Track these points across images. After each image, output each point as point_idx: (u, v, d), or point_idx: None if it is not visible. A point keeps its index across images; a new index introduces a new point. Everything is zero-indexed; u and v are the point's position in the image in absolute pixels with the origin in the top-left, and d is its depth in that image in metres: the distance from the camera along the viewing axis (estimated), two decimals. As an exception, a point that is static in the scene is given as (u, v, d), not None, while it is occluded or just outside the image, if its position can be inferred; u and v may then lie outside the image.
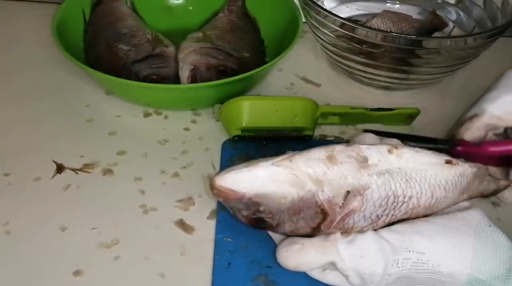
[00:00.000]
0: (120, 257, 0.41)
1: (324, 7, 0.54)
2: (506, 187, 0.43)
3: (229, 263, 0.40)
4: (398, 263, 0.35)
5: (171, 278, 0.39)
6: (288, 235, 0.39)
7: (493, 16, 0.56)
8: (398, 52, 0.51)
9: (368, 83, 0.57)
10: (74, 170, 0.47)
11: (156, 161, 0.48)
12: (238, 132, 0.48)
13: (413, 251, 0.35)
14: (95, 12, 0.60)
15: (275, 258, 0.38)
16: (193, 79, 0.52)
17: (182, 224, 0.43)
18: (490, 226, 0.37)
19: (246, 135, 0.48)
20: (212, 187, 0.37)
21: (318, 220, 0.37)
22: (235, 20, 0.61)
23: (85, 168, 0.47)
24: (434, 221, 0.37)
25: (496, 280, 0.35)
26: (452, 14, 0.62)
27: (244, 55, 0.56)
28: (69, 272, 0.39)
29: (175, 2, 0.65)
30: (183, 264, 0.40)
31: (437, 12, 0.61)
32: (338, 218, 0.37)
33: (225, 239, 0.42)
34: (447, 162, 0.38)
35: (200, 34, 0.58)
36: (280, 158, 0.37)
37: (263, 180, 0.36)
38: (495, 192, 0.42)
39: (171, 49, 0.56)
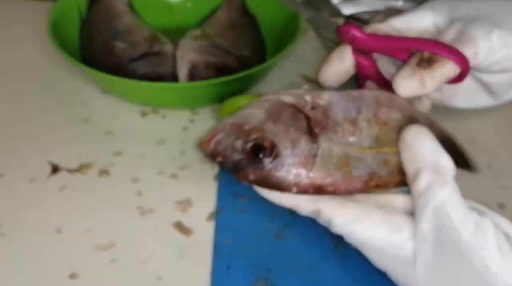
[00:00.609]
0: (117, 260, 0.40)
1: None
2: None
3: (228, 266, 0.39)
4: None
5: (169, 282, 0.39)
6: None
7: None
8: (401, 50, 0.50)
9: (370, 82, 0.57)
10: (70, 171, 0.47)
11: (154, 161, 0.48)
12: (238, 132, 0.48)
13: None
14: (91, 10, 0.60)
15: (275, 261, 0.37)
16: (192, 77, 0.52)
17: (180, 226, 0.43)
18: None
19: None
20: (201, 145, 0.38)
21: (304, 123, 0.38)
22: (235, 18, 0.60)
23: (81, 168, 0.47)
24: None
25: None
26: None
27: (244, 53, 0.56)
28: (64, 275, 0.39)
29: (174, -1, 0.65)
30: (181, 267, 0.40)
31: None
32: (319, 113, 0.38)
33: (224, 241, 0.41)
34: None
35: (199, 32, 0.57)
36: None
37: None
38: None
39: (169, 47, 0.56)
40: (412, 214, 0.35)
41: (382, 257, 0.35)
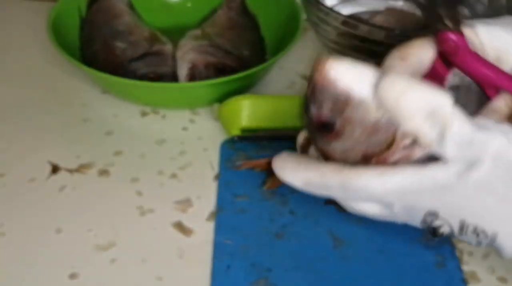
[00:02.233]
0: (117, 260, 0.40)
1: (326, 4, 0.53)
2: None
3: (228, 266, 0.39)
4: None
5: (169, 282, 0.39)
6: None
7: (498, 14, 0.56)
8: (401, 50, 0.50)
9: (370, 82, 0.57)
10: (70, 171, 0.47)
11: (154, 161, 0.48)
12: (238, 132, 0.48)
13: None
14: (91, 9, 0.60)
15: (275, 261, 0.37)
16: (192, 77, 0.52)
17: (180, 226, 0.42)
18: None
19: (246, 135, 0.48)
20: (318, 69, 0.34)
21: (377, 149, 0.36)
22: (235, 18, 0.60)
23: (81, 168, 0.47)
24: None
25: None
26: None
27: (244, 53, 0.56)
28: (64, 275, 0.39)
29: (174, -1, 0.65)
30: (181, 267, 0.40)
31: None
32: (396, 156, 0.35)
33: (224, 241, 0.41)
34: None
35: (198, 32, 0.57)
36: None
37: (368, 84, 0.34)
38: None
39: (169, 47, 0.56)
40: None
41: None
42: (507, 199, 0.32)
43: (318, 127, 0.37)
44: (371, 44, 0.51)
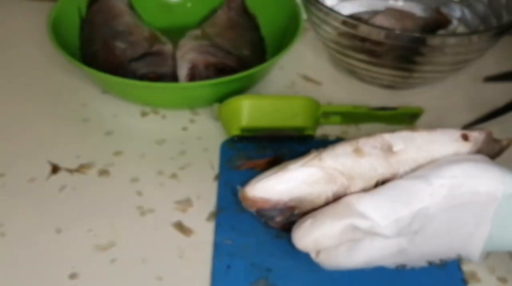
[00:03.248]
0: (117, 260, 0.40)
1: (326, 4, 0.53)
2: (508, 146, 0.43)
3: (228, 266, 0.39)
4: (432, 194, 0.35)
5: (169, 282, 0.39)
6: None
7: (498, 13, 0.56)
8: (401, 50, 0.50)
9: (370, 82, 0.57)
10: (70, 171, 0.47)
11: (154, 161, 0.48)
12: (238, 132, 0.48)
13: (445, 177, 0.35)
14: (91, 9, 0.60)
15: (275, 261, 0.37)
16: (192, 77, 0.52)
17: (180, 226, 0.42)
18: None
19: (246, 135, 0.48)
20: (244, 198, 0.37)
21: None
22: (235, 18, 0.60)
23: (81, 168, 0.47)
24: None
25: None
26: (456, 12, 0.61)
27: (244, 53, 0.56)
28: (64, 275, 0.39)
29: (173, -1, 0.65)
30: (181, 267, 0.40)
31: (441, 10, 0.61)
32: None
33: (224, 241, 0.41)
34: (463, 137, 0.39)
35: (198, 32, 0.57)
36: (308, 158, 0.37)
37: (296, 183, 0.36)
38: (499, 153, 0.43)
39: (169, 47, 0.56)
40: None
41: None
42: (452, 232, 0.36)
43: (288, 229, 0.38)
44: (371, 44, 0.51)
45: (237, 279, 0.38)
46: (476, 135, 0.40)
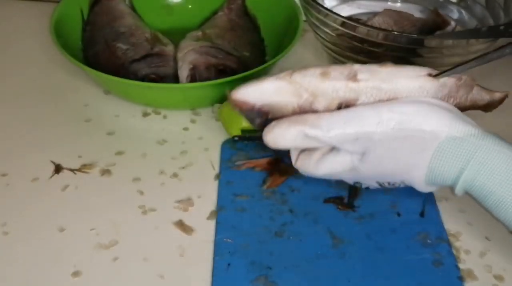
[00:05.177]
0: (119, 258, 0.40)
1: (325, 6, 0.53)
2: (502, 100, 0.45)
3: (228, 264, 0.40)
4: (379, 123, 0.38)
5: (170, 280, 0.39)
6: None
7: (496, 14, 0.56)
8: (399, 51, 0.51)
9: (369, 83, 0.57)
10: (72, 170, 0.47)
11: (155, 161, 0.48)
12: (238, 133, 0.48)
13: (396, 112, 0.38)
14: (93, 11, 0.60)
15: (275, 259, 0.37)
16: (193, 78, 0.52)
17: (181, 225, 0.43)
18: None
19: (246, 136, 0.48)
20: (230, 100, 0.40)
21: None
22: (235, 19, 0.60)
23: (83, 168, 0.47)
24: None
25: (471, 137, 0.38)
26: (454, 13, 0.62)
27: (244, 54, 0.56)
28: (67, 273, 0.39)
29: (174, 0, 0.65)
30: (182, 265, 0.40)
31: (439, 11, 0.61)
32: None
33: (224, 240, 0.41)
34: (429, 75, 0.41)
35: (199, 33, 0.57)
36: (282, 74, 0.41)
37: (269, 92, 0.40)
38: (490, 104, 0.44)
39: (170, 48, 0.56)
40: None
41: None
42: (396, 159, 0.40)
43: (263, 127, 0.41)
44: (369, 45, 0.51)
45: (237, 277, 0.39)
46: (445, 79, 0.41)
